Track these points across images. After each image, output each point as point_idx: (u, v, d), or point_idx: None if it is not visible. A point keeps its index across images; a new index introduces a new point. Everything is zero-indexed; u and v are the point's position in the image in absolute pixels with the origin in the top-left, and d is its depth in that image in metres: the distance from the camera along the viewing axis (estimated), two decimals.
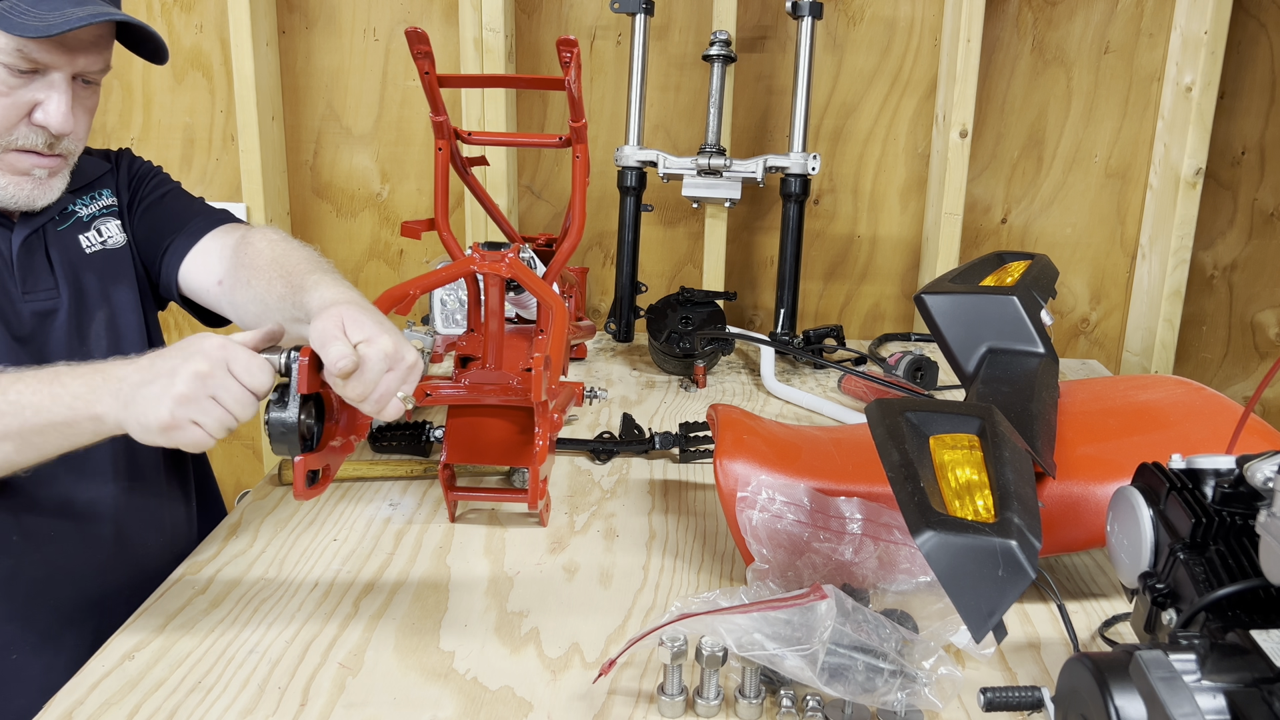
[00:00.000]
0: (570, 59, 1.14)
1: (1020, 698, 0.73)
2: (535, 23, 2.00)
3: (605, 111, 2.04)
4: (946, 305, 1.20)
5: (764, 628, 0.84)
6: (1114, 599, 1.06)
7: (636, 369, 1.81)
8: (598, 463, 1.40)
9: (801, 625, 0.84)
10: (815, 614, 0.84)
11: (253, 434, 2.21)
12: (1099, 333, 2.12)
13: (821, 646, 0.81)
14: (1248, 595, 0.71)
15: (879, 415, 0.91)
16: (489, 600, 1.04)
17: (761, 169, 1.82)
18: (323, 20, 2.00)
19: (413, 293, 1.09)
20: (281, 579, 1.08)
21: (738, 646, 0.83)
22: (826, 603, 0.84)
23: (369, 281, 2.13)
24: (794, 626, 0.84)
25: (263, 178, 1.96)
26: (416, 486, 1.31)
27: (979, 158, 2.02)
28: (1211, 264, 2.07)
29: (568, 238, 1.32)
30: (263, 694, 0.89)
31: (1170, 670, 0.61)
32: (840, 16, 1.97)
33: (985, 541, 0.74)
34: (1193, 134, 1.89)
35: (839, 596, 0.86)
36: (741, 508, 1.03)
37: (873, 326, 2.13)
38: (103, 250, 1.20)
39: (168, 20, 1.99)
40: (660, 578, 1.10)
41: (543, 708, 0.87)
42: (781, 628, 0.84)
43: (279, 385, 0.87)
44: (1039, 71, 1.98)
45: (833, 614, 0.83)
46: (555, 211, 2.09)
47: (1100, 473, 1.02)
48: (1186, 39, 1.89)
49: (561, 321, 1.15)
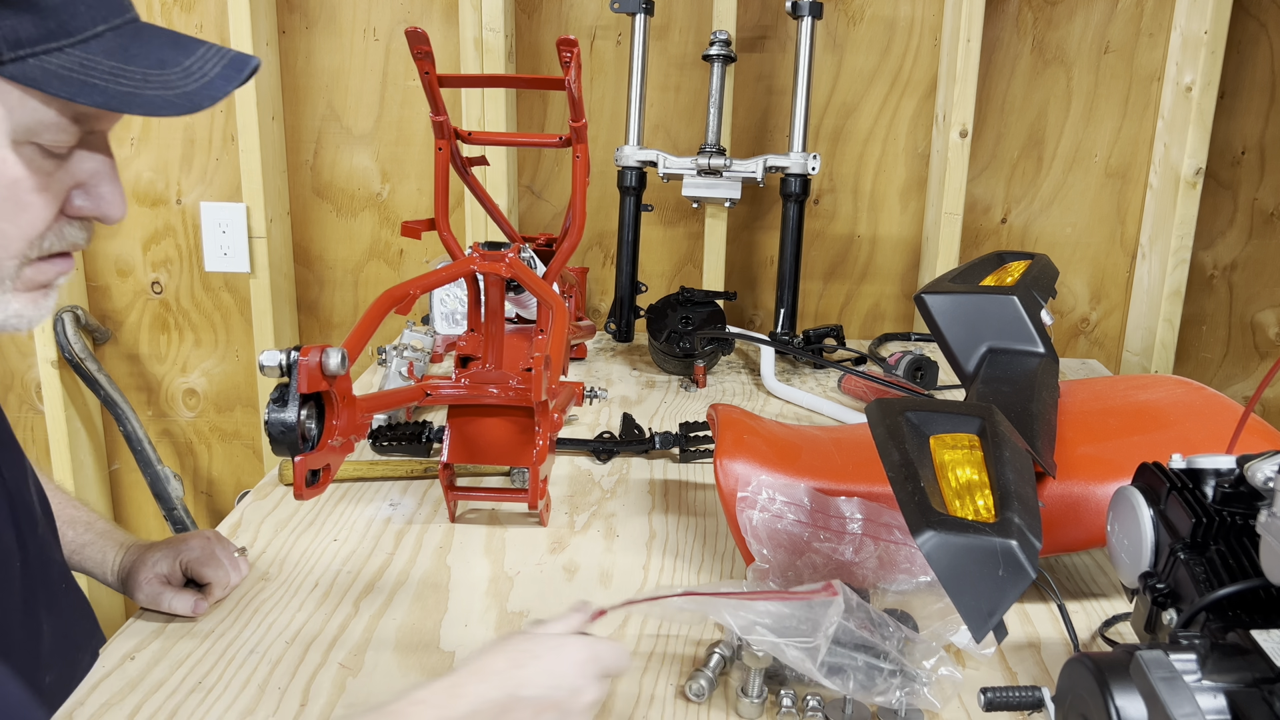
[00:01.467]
0: (570, 59, 1.14)
1: (1020, 698, 0.73)
2: (535, 23, 2.00)
3: (605, 111, 2.04)
4: (946, 305, 1.20)
5: (768, 617, 0.84)
6: (1114, 599, 1.06)
7: (636, 369, 1.81)
8: (598, 463, 1.40)
9: (806, 620, 0.84)
10: (822, 609, 0.84)
11: (253, 434, 2.21)
12: (1099, 333, 2.12)
13: (825, 641, 0.81)
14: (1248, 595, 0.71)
15: (879, 415, 0.91)
16: (489, 600, 1.04)
17: (761, 169, 1.82)
18: (323, 20, 2.00)
19: (413, 293, 1.09)
20: (281, 579, 1.08)
21: (740, 630, 0.83)
22: (836, 600, 0.84)
23: (369, 282, 2.14)
24: (799, 620, 0.84)
25: (263, 178, 1.96)
26: (416, 486, 1.31)
27: (979, 158, 2.02)
28: (1211, 264, 2.07)
29: (568, 238, 1.32)
30: (263, 694, 0.88)
31: (1171, 670, 0.61)
32: (840, 16, 1.97)
33: (985, 541, 0.74)
34: (1193, 134, 1.89)
35: (847, 594, 0.86)
36: (742, 508, 1.03)
37: (873, 326, 2.13)
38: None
39: (168, 20, 1.98)
40: (660, 578, 1.10)
41: None
42: (786, 620, 0.84)
43: (279, 385, 0.87)
44: (1039, 71, 1.98)
45: (840, 611, 0.83)
46: (555, 211, 2.09)
47: (1100, 473, 1.02)
48: (1186, 39, 1.89)
49: (562, 321, 1.15)
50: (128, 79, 0.69)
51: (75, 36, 0.68)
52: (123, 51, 0.70)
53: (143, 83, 0.70)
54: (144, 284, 2.12)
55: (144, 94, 0.69)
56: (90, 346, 2.08)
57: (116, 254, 2.10)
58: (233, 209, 2.01)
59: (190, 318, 2.14)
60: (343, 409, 0.92)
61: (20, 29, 0.66)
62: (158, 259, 2.10)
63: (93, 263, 2.10)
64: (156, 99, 0.70)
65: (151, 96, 0.70)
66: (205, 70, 0.73)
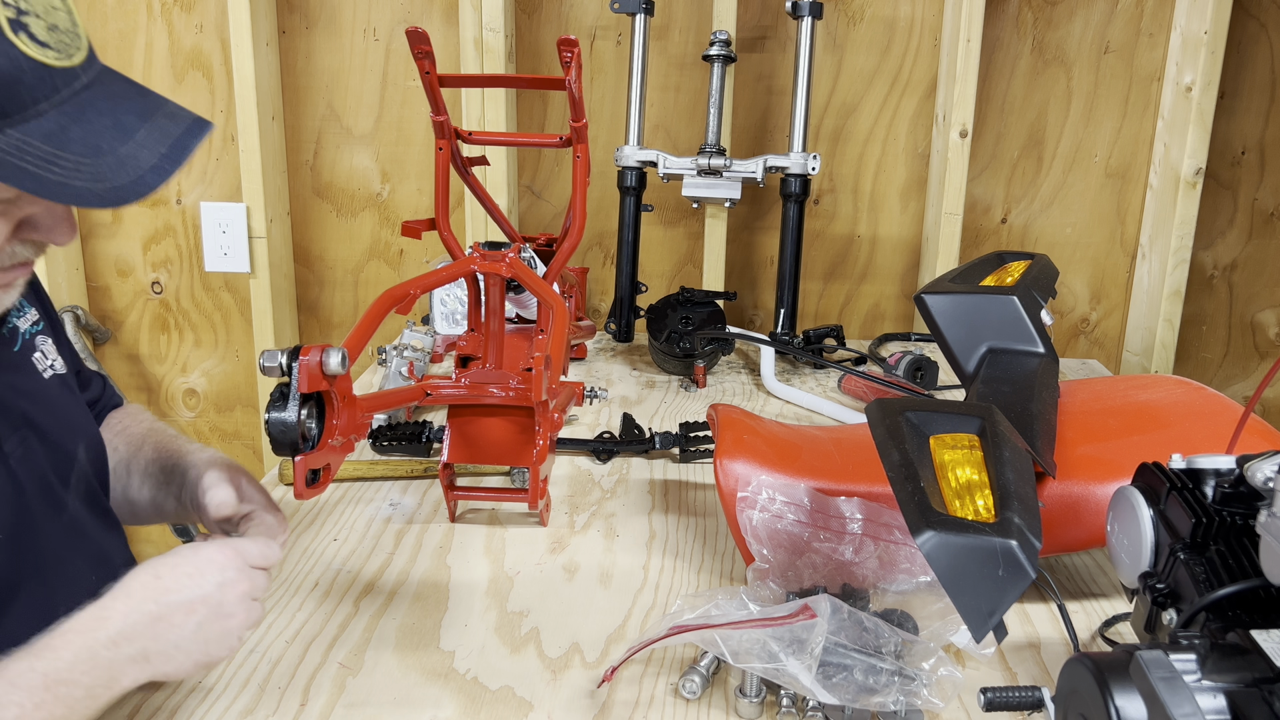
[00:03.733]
0: (571, 59, 1.14)
1: (1020, 698, 0.73)
2: (535, 23, 2.00)
3: (605, 111, 2.04)
4: (946, 305, 1.20)
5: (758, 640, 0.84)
6: (1114, 599, 1.06)
7: (636, 369, 1.81)
8: (598, 463, 1.40)
9: (793, 641, 0.83)
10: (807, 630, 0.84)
11: (253, 434, 2.21)
12: (1099, 333, 2.12)
13: (814, 660, 0.81)
14: (1248, 595, 0.71)
15: (879, 415, 0.91)
16: (489, 600, 1.04)
17: (761, 169, 1.82)
18: (323, 20, 2.00)
19: (413, 292, 1.09)
20: (282, 579, 1.08)
21: (733, 657, 0.83)
22: (817, 622, 0.84)
23: (369, 282, 2.14)
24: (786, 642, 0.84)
25: (263, 178, 1.96)
26: (416, 486, 1.31)
27: (979, 158, 2.02)
28: (1211, 264, 2.07)
29: (568, 238, 1.32)
30: (263, 694, 0.89)
31: (1170, 670, 0.61)
32: (840, 16, 1.97)
33: (985, 541, 0.74)
34: (1193, 134, 1.89)
35: (833, 606, 0.85)
36: (742, 508, 1.03)
37: (873, 326, 2.13)
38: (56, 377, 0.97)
39: (168, 20, 1.98)
40: (660, 578, 1.10)
41: (543, 708, 0.87)
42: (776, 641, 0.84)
43: (279, 384, 0.87)
44: (1039, 71, 1.98)
45: (824, 631, 0.83)
46: (555, 211, 2.09)
47: (1100, 473, 1.02)
48: (1186, 39, 1.89)
49: (562, 321, 1.15)
50: (60, 167, 0.70)
51: (13, 117, 0.69)
52: (61, 134, 0.71)
53: (74, 172, 0.71)
54: (144, 284, 2.12)
55: (73, 184, 0.70)
56: (90, 346, 2.08)
57: (116, 254, 2.10)
58: (233, 209, 2.01)
59: (190, 318, 2.14)
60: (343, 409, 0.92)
61: None
62: (158, 259, 2.10)
63: (93, 263, 2.10)
64: (85, 191, 0.70)
65: (80, 188, 0.70)
66: (140, 160, 0.74)
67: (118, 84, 0.79)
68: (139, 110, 0.78)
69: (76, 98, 0.74)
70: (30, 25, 0.69)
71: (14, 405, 0.88)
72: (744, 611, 0.88)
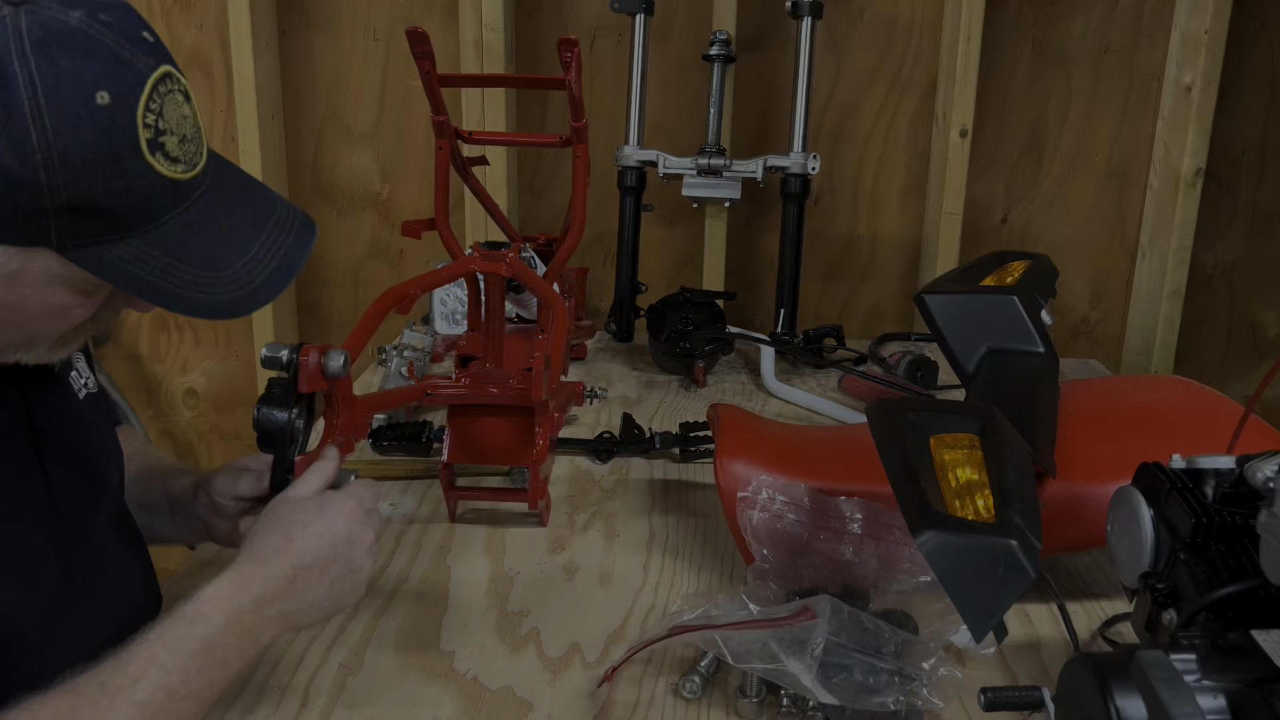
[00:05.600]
0: (571, 59, 1.14)
1: (1020, 698, 0.73)
2: (535, 23, 2.00)
3: (605, 111, 2.03)
4: (946, 305, 1.20)
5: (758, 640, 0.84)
6: (1114, 599, 1.06)
7: (636, 369, 1.81)
8: (598, 463, 1.40)
9: (794, 641, 0.83)
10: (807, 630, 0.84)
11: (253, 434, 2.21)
12: (1099, 333, 2.12)
13: (814, 661, 0.81)
14: (1248, 595, 0.71)
15: (879, 415, 0.91)
16: (489, 600, 1.04)
17: (761, 169, 1.82)
18: (323, 20, 2.00)
19: (413, 292, 1.09)
20: None
21: (733, 658, 0.83)
22: (818, 623, 0.84)
23: (369, 282, 2.13)
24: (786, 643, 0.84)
25: (263, 178, 1.96)
26: (416, 486, 1.31)
27: (979, 157, 2.02)
28: (1211, 264, 2.06)
29: (568, 237, 1.32)
30: (263, 694, 0.89)
31: (1171, 670, 0.61)
32: (840, 16, 1.97)
33: (985, 541, 0.74)
34: (1193, 134, 1.89)
35: (833, 606, 0.85)
36: (742, 508, 1.03)
37: (873, 326, 2.13)
38: (90, 396, 0.96)
39: (168, 20, 1.98)
40: (660, 578, 1.10)
41: (543, 708, 0.87)
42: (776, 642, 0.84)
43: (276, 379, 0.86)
44: (1039, 71, 1.98)
45: (824, 631, 0.83)
46: (555, 211, 2.09)
47: (1100, 473, 1.02)
48: (1186, 39, 1.89)
49: (562, 321, 1.15)
50: (177, 278, 0.72)
51: (137, 230, 0.70)
52: (180, 247, 0.72)
53: (190, 284, 0.72)
54: None
55: (188, 296, 0.72)
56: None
57: None
58: None
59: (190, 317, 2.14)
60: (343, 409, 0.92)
61: (86, 228, 0.68)
62: None
63: None
64: (198, 303, 0.72)
65: (194, 300, 0.72)
66: (253, 275, 0.75)
67: (232, 185, 0.79)
68: (252, 219, 0.78)
69: (196, 205, 0.74)
70: (166, 144, 0.70)
71: (57, 434, 0.87)
72: (744, 612, 0.88)
